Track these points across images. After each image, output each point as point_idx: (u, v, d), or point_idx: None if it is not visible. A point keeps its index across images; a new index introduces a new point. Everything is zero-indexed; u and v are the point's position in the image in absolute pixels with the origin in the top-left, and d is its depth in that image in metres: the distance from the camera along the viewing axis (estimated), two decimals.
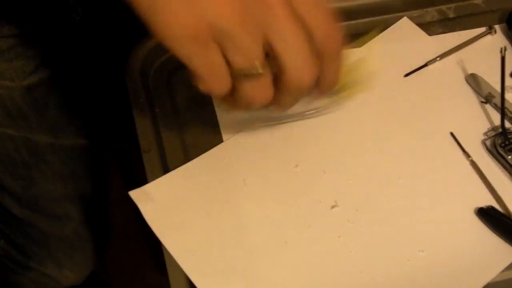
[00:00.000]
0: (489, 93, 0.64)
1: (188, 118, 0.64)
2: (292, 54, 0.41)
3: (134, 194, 0.58)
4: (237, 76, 0.42)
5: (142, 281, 1.33)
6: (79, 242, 0.91)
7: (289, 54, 0.41)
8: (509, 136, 0.60)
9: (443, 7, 0.72)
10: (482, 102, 0.65)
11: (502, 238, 0.56)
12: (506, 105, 0.62)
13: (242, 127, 0.63)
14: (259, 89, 0.43)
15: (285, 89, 0.43)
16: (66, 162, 0.81)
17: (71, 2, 0.68)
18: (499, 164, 0.60)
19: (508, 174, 0.60)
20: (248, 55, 0.40)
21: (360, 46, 0.55)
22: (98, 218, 0.95)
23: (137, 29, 0.74)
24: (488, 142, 0.61)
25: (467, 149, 0.61)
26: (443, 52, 0.68)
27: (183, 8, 0.38)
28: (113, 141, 0.92)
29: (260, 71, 0.41)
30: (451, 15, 0.72)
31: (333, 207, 0.58)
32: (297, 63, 0.41)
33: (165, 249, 0.55)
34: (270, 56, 0.41)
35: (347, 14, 0.71)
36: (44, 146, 0.77)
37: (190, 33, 0.38)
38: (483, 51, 0.68)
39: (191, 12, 0.38)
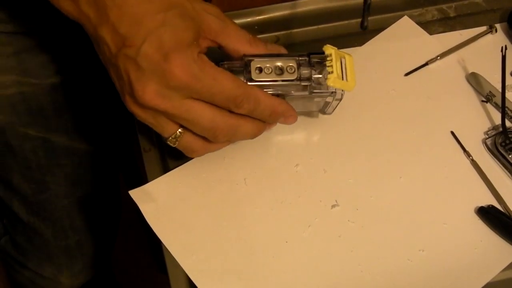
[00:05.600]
0: (490, 92, 0.64)
1: None
2: (197, 130, 0.52)
3: (134, 193, 0.58)
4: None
5: (142, 280, 1.33)
6: (81, 254, 0.90)
7: (198, 131, 0.52)
8: (509, 135, 0.60)
9: (444, 6, 0.72)
10: (482, 101, 0.65)
11: (502, 237, 0.56)
12: (507, 104, 0.62)
13: None
14: (186, 146, 0.54)
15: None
16: (78, 167, 0.81)
17: None
18: (499, 163, 0.60)
19: (508, 173, 0.60)
20: (164, 135, 0.53)
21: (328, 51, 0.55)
22: (105, 229, 0.94)
23: None
24: (488, 141, 0.61)
25: (467, 148, 0.61)
26: (443, 51, 0.68)
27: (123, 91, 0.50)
28: (113, 141, 0.92)
29: (177, 142, 0.53)
30: (452, 14, 0.72)
31: (333, 206, 0.58)
32: (204, 134, 0.53)
33: (165, 248, 0.55)
34: None
35: (347, 13, 0.71)
36: (60, 148, 0.77)
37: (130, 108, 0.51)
38: (484, 50, 0.68)
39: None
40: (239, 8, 0.70)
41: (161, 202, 0.58)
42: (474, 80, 0.65)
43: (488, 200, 0.58)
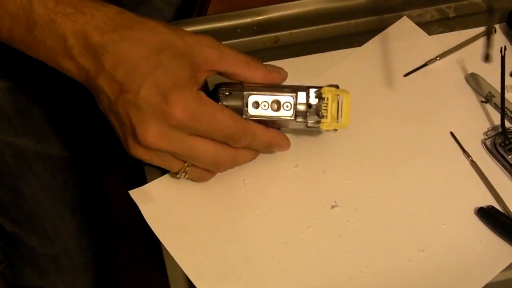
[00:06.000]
0: (489, 92, 0.64)
1: None
2: (201, 165, 0.55)
3: (134, 193, 0.58)
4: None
5: (142, 281, 1.33)
6: (70, 264, 0.88)
7: (201, 165, 0.55)
8: (509, 136, 0.60)
9: (443, 6, 0.72)
10: (482, 101, 0.65)
11: (502, 238, 0.56)
12: (506, 104, 0.62)
13: None
14: (195, 177, 0.57)
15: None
16: (54, 173, 0.79)
17: None
18: (499, 164, 0.60)
19: (508, 174, 0.60)
20: (172, 171, 0.56)
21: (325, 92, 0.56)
22: (95, 238, 0.92)
23: None
24: (488, 142, 0.61)
25: (467, 149, 0.61)
26: (443, 51, 0.68)
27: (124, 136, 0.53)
28: (113, 141, 0.91)
29: (186, 175, 0.55)
30: (451, 15, 0.72)
31: (333, 207, 0.58)
32: (207, 166, 0.56)
33: (165, 248, 0.55)
34: None
35: (347, 13, 0.71)
36: (30, 153, 0.76)
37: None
38: (484, 51, 0.68)
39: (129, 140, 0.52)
40: (238, 8, 0.70)
41: (161, 202, 0.58)
42: (473, 80, 0.65)
43: (488, 200, 0.58)
